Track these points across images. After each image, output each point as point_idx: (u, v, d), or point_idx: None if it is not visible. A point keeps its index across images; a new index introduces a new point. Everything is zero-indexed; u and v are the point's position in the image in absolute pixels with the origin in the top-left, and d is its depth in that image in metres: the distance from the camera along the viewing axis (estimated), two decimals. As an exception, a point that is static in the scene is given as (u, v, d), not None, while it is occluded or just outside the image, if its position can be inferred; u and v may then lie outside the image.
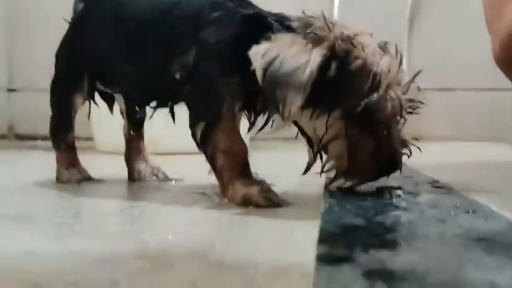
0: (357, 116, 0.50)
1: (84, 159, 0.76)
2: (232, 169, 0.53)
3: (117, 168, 0.78)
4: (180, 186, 0.70)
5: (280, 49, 0.49)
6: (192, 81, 0.55)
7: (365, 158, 0.53)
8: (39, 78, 1.93)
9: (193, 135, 0.55)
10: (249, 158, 0.55)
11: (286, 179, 0.68)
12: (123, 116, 0.74)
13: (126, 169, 0.75)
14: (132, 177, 0.74)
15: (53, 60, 0.76)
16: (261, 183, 0.53)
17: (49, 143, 0.76)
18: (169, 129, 0.70)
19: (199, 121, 0.54)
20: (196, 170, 0.59)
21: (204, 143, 0.54)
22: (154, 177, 0.74)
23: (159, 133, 0.73)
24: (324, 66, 0.48)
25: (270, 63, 0.48)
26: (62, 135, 0.73)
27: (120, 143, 0.77)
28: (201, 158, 0.56)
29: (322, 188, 0.61)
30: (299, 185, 0.66)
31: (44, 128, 0.75)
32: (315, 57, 0.48)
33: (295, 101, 0.47)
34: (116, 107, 0.74)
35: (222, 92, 0.53)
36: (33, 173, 0.88)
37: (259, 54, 0.49)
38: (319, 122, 0.52)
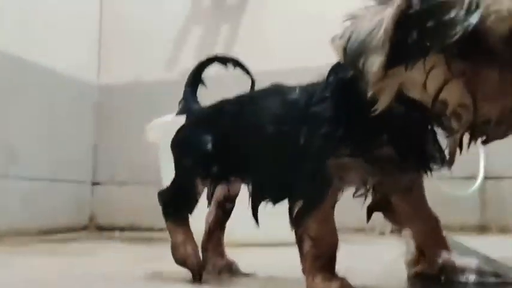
0: (460, 46, 0.41)
1: (160, 251, 0.78)
2: (317, 259, 0.51)
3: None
4: (253, 280, 0.69)
5: (355, 25, 0.46)
6: (302, 158, 0.53)
7: (495, 93, 0.42)
8: (120, 172, 2.08)
9: (290, 213, 0.53)
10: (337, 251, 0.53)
11: (366, 273, 0.65)
12: (209, 204, 0.75)
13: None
14: (206, 267, 0.74)
15: (133, 156, 0.80)
16: (342, 279, 0.51)
17: (126, 234, 0.78)
18: (244, 221, 0.71)
19: (298, 199, 0.53)
20: (268, 263, 0.58)
21: (297, 223, 0.52)
22: (228, 272, 0.73)
23: (235, 225, 0.74)
24: (402, 14, 0.43)
25: (348, 40, 0.45)
26: (186, 208, 0.72)
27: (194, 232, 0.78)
28: (274, 251, 0.56)
29: (404, 283, 0.57)
30: (379, 279, 0.63)
31: (122, 219, 0.78)
32: (389, 12, 0.43)
33: (376, 62, 0.43)
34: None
35: (331, 173, 0.51)
36: (112, 264, 0.91)
37: (336, 37, 0.47)
38: (417, 72, 0.44)
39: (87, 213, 1.98)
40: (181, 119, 0.78)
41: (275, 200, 0.61)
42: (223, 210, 0.75)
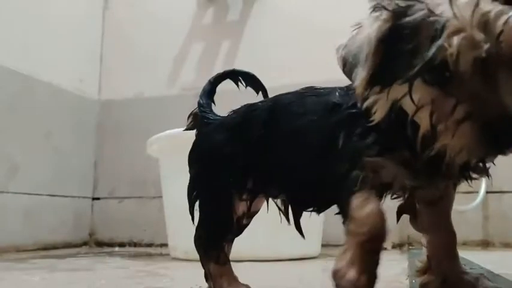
0: (431, 74, 0.42)
1: (160, 266, 0.77)
2: (356, 236, 0.47)
3: (191, 274, 0.77)
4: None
5: (354, 36, 0.47)
6: (339, 160, 0.52)
7: (450, 124, 0.42)
8: (121, 187, 2.07)
9: (342, 212, 0.51)
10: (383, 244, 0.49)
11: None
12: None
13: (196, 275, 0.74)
14: (210, 281, 0.73)
15: (134, 171, 0.79)
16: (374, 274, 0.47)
17: (126, 250, 0.77)
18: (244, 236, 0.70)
19: (343, 190, 0.50)
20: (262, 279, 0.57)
21: (345, 213, 0.50)
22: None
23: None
24: (388, 31, 0.44)
25: (346, 51, 0.48)
26: (221, 244, 0.67)
27: (193, 250, 0.77)
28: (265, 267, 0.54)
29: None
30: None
31: (122, 235, 0.77)
32: (374, 27, 0.45)
33: (360, 74, 0.45)
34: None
35: (366, 172, 0.50)
36: (111, 280, 0.90)
37: (340, 47, 0.48)
38: (401, 93, 0.45)
39: (86, 228, 1.97)
40: (185, 134, 0.73)
41: (319, 209, 0.59)
42: (237, 226, 0.68)
